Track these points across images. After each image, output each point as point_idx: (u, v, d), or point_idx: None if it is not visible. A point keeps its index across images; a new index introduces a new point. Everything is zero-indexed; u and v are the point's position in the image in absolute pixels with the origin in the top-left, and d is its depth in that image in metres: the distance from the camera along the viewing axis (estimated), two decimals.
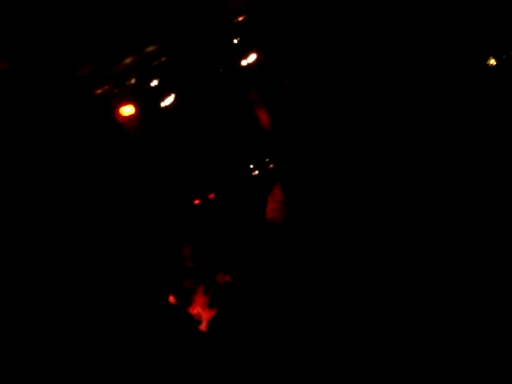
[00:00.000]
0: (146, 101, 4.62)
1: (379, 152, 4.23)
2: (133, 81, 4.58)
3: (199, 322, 3.38)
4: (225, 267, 3.58)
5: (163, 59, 4.58)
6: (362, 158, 4.27)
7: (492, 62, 4.44)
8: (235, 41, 4.65)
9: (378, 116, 4.34)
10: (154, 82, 4.63)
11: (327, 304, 3.23)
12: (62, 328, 3.22)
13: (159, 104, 4.65)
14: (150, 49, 4.49)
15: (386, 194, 3.97)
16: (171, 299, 3.51)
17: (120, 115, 4.49)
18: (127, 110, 4.52)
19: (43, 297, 3.30)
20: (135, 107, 4.54)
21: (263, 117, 4.56)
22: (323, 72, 4.66)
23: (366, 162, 4.20)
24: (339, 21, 4.58)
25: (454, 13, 4.25)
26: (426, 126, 4.17)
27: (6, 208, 3.48)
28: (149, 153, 4.42)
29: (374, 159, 4.17)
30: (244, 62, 4.67)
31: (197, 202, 4.15)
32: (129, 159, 4.24)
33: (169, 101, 4.66)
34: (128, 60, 4.46)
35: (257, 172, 4.33)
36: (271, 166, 4.29)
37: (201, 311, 3.46)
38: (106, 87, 4.44)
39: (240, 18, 4.59)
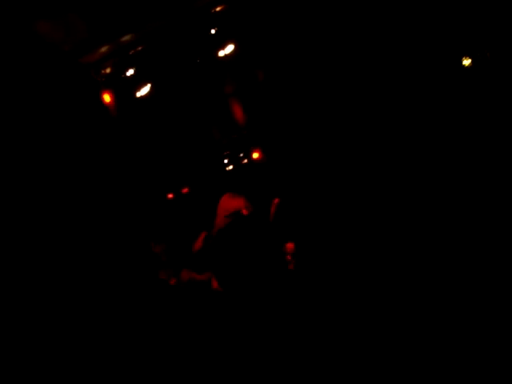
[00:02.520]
0: (122, 90, 4.58)
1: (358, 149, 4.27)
2: (108, 70, 4.53)
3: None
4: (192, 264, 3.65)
5: (139, 48, 4.53)
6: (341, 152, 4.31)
7: (466, 62, 4.46)
8: (213, 31, 4.60)
9: (353, 112, 4.36)
10: (130, 72, 4.58)
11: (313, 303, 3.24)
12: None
13: (135, 94, 4.61)
14: (126, 38, 4.44)
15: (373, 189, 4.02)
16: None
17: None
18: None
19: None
20: (110, 96, 4.50)
21: (238, 111, 4.56)
22: (301, 66, 4.65)
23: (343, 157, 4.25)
24: (319, 14, 4.54)
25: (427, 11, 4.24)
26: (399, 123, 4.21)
27: None
28: (123, 144, 4.41)
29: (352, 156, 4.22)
30: (221, 53, 4.63)
31: (170, 196, 4.18)
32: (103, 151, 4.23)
33: (144, 91, 4.62)
34: (103, 49, 4.41)
35: (231, 167, 4.36)
36: (245, 161, 4.33)
37: None
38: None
39: (218, 8, 4.53)
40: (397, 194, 3.99)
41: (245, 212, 3.59)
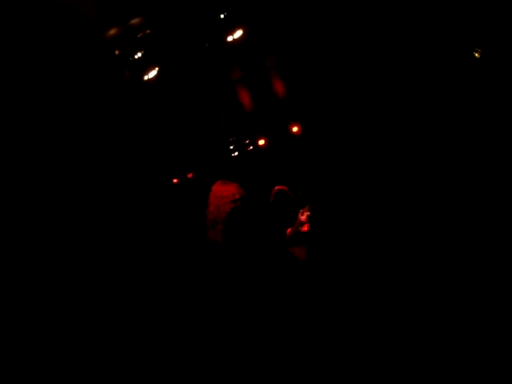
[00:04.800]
0: (129, 73, 4.58)
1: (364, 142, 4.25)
2: (116, 52, 4.52)
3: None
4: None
5: (147, 32, 4.51)
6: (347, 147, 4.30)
7: (476, 54, 4.41)
8: (222, 16, 4.57)
9: (361, 100, 4.34)
10: (138, 55, 4.57)
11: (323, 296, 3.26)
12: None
13: (142, 77, 4.61)
14: (135, 21, 4.42)
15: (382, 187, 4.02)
16: None
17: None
18: None
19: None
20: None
21: (245, 97, 4.56)
22: (310, 52, 4.62)
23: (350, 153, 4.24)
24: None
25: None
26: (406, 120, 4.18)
27: None
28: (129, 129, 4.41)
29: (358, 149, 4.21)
30: (230, 38, 4.61)
31: (175, 181, 4.20)
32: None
33: (152, 74, 4.62)
34: (112, 31, 4.39)
35: (236, 153, 4.38)
36: (251, 147, 4.34)
37: None
38: None
39: None
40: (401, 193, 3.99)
41: (238, 197, 3.62)
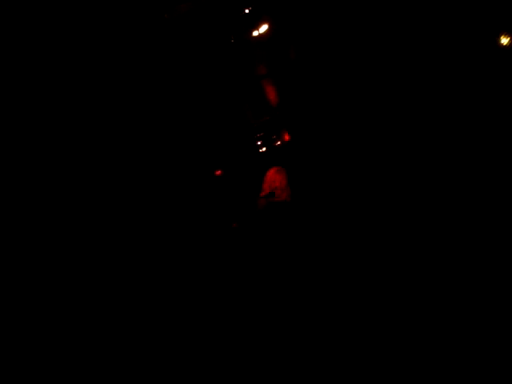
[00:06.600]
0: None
1: (385, 139, 4.25)
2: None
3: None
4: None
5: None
6: (369, 142, 4.31)
7: (505, 40, 4.31)
8: (246, 10, 4.57)
9: (385, 100, 4.32)
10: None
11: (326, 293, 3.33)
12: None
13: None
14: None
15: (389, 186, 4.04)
16: None
17: None
18: None
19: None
20: None
21: (271, 92, 4.57)
22: (335, 47, 4.60)
23: (371, 147, 4.25)
24: None
25: None
26: (425, 112, 4.16)
27: None
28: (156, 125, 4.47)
29: (379, 145, 4.22)
30: (255, 33, 4.61)
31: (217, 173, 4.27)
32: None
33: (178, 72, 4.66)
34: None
35: (264, 149, 4.41)
36: (278, 143, 4.36)
37: None
38: None
39: None
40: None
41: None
